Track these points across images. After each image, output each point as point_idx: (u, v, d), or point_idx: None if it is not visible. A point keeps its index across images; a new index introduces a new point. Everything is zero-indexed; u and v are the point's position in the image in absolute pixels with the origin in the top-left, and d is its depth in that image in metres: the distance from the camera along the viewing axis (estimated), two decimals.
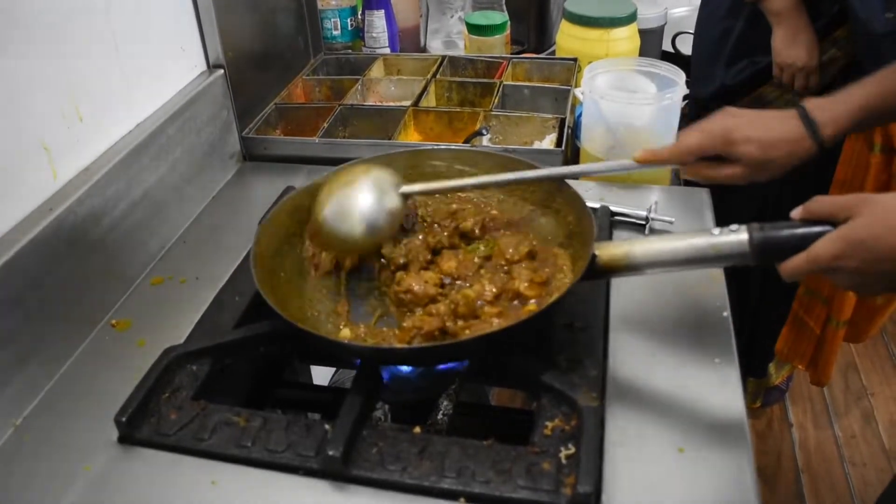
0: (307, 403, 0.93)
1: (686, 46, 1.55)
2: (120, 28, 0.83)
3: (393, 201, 0.73)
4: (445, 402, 0.77)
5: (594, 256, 0.65)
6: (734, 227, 0.61)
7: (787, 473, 1.74)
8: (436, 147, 0.89)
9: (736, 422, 0.63)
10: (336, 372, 1.37)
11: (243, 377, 0.82)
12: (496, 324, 0.66)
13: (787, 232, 0.59)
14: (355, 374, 0.66)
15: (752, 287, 1.55)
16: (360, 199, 0.72)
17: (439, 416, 0.76)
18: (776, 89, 1.28)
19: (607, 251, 0.65)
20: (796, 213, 0.60)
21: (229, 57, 1.02)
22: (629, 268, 0.65)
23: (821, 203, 0.59)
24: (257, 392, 0.84)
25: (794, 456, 1.78)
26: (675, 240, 0.64)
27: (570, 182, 0.93)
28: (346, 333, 0.71)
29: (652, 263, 0.64)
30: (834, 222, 0.57)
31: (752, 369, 1.78)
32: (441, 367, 0.75)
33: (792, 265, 0.58)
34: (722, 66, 1.33)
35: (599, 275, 0.66)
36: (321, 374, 1.30)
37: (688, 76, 0.97)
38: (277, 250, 0.75)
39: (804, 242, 0.57)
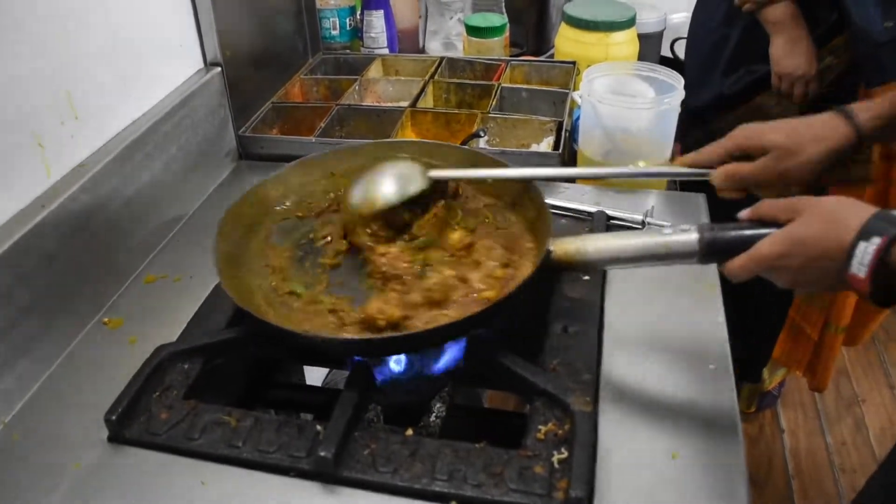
0: (299, 404, 0.93)
1: (684, 52, 1.55)
2: (117, 25, 0.82)
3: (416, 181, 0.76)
4: (438, 405, 0.77)
5: (549, 251, 0.66)
6: (685, 226, 0.62)
7: (778, 479, 1.74)
8: (401, 140, 0.93)
9: (729, 428, 0.63)
10: (329, 373, 1.36)
11: (235, 377, 0.82)
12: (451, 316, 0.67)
13: (734, 233, 0.60)
14: (348, 374, 0.66)
15: (748, 291, 1.55)
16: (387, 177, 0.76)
17: (432, 419, 0.75)
18: (774, 98, 1.28)
19: (562, 246, 0.66)
20: (744, 214, 0.61)
21: (227, 55, 1.01)
22: (582, 263, 0.66)
23: (768, 206, 0.60)
24: (249, 392, 0.83)
25: (785, 461, 1.78)
26: (627, 237, 0.65)
27: (564, 185, 0.94)
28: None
29: (604, 260, 0.65)
30: (779, 224, 0.58)
31: (747, 374, 1.78)
32: (434, 370, 0.75)
33: (736, 264, 0.59)
34: (718, 76, 1.33)
35: (555, 269, 0.67)
36: (314, 376, 1.29)
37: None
38: (242, 243, 0.75)
39: (751, 243, 0.58)
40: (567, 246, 0.67)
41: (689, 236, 0.61)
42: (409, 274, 0.71)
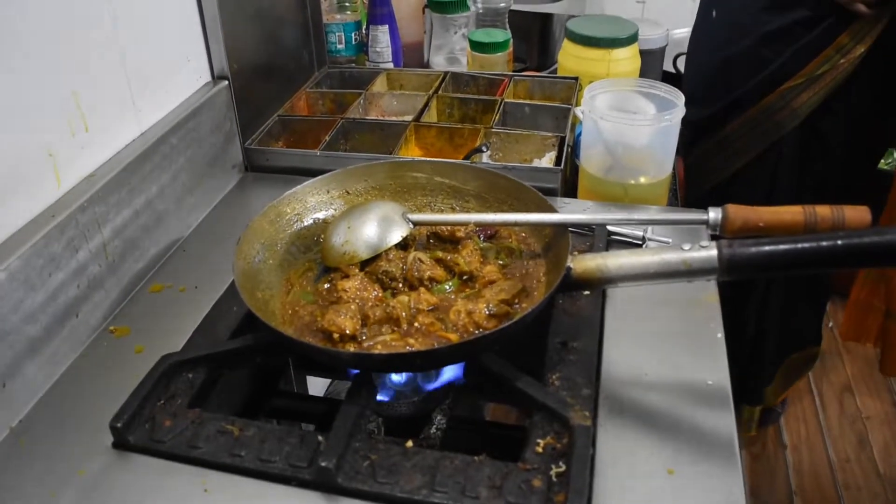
0: (302, 414, 0.94)
1: (684, 67, 1.57)
2: (127, 38, 0.84)
3: (400, 226, 0.78)
4: (439, 417, 0.77)
5: (569, 269, 0.67)
6: (704, 243, 0.63)
7: (781, 496, 1.73)
8: (417, 160, 0.93)
9: (727, 444, 0.63)
10: (332, 383, 1.37)
11: (239, 386, 0.83)
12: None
13: (754, 248, 0.61)
14: (350, 385, 0.67)
15: (748, 313, 1.55)
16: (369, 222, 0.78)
17: (433, 431, 0.76)
18: (781, 99, 1.27)
19: (581, 264, 0.67)
20: None
21: (234, 68, 1.03)
22: (602, 280, 0.67)
23: None
24: (252, 401, 0.84)
25: (788, 478, 1.78)
26: (647, 254, 0.65)
27: (564, 200, 0.95)
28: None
29: (624, 277, 0.66)
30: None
31: (748, 396, 1.75)
32: (435, 384, 0.75)
33: None
34: (724, 90, 1.33)
35: (574, 287, 0.68)
36: (317, 386, 1.30)
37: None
38: (259, 259, 0.76)
39: (771, 258, 0.59)
40: (587, 263, 0.67)
41: (708, 252, 0.62)
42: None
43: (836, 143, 1.32)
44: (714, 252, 0.62)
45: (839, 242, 0.59)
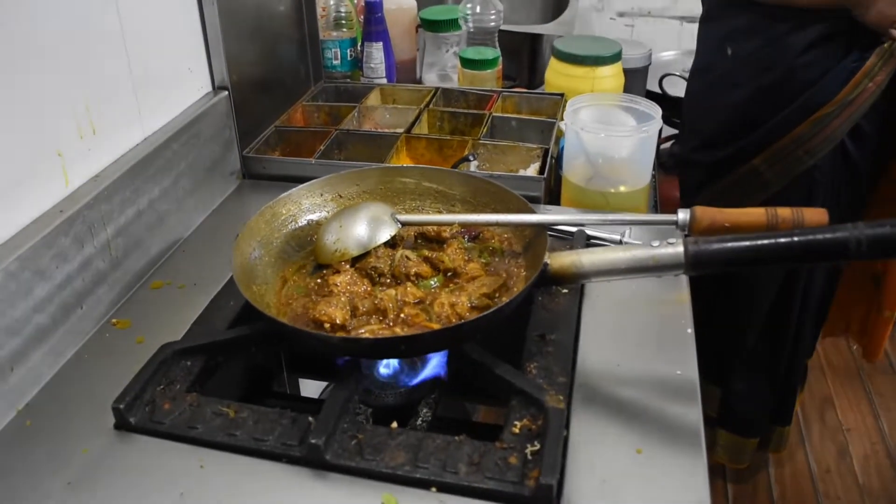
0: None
1: (673, 88, 1.62)
2: (133, 49, 0.89)
3: (389, 225, 0.82)
4: (425, 410, 0.81)
5: (546, 264, 0.71)
6: (672, 240, 0.67)
7: None
8: (406, 166, 0.98)
9: (692, 427, 0.67)
10: (325, 389, 1.40)
11: (234, 382, 0.86)
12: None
13: (717, 245, 0.66)
14: (339, 370, 0.71)
15: (786, 340, 1.50)
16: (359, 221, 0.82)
17: (419, 423, 0.80)
18: (813, 127, 1.27)
19: (558, 260, 0.72)
20: None
21: (234, 80, 1.08)
22: (577, 276, 0.71)
23: None
24: (246, 400, 0.87)
25: (770, 488, 1.81)
26: (619, 251, 0.70)
27: (547, 207, 1.00)
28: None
29: (598, 272, 0.70)
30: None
31: (780, 418, 1.64)
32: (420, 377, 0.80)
33: None
34: (752, 125, 1.32)
35: (551, 281, 0.72)
36: (310, 393, 1.33)
37: (679, 129, 1.01)
38: (256, 256, 0.81)
39: (732, 253, 0.64)
40: (563, 259, 0.72)
41: (675, 249, 0.67)
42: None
43: (865, 167, 1.33)
44: (680, 248, 0.67)
45: (795, 239, 0.64)
